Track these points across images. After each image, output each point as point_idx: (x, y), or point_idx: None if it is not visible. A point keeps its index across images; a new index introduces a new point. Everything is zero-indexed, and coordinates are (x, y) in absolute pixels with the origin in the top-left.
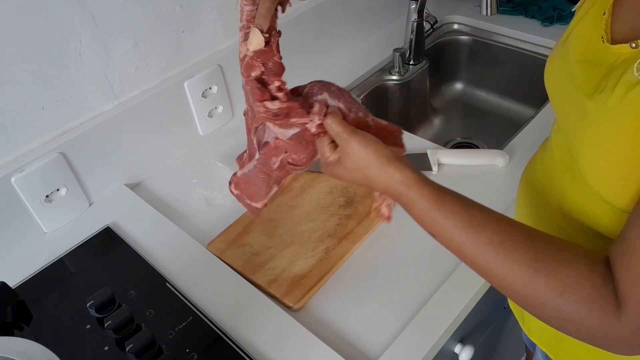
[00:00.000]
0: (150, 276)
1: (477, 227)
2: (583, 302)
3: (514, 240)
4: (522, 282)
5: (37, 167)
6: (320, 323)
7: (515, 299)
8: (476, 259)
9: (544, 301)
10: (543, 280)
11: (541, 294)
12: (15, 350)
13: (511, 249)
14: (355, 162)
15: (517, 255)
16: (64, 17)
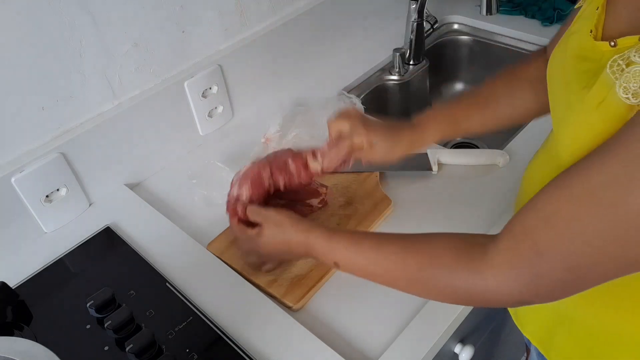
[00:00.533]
0: (150, 276)
1: (360, 242)
2: (448, 263)
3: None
4: (399, 267)
5: (37, 167)
6: (320, 323)
7: (403, 287)
8: (365, 267)
9: (418, 276)
10: (412, 259)
11: (413, 270)
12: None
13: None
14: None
15: (389, 249)
16: (64, 17)
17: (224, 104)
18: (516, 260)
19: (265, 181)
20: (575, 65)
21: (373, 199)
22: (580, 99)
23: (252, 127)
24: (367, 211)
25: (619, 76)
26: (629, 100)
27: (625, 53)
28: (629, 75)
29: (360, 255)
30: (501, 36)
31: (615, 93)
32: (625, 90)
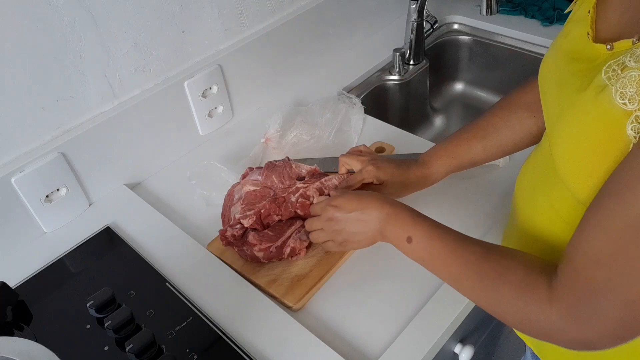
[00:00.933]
0: (150, 276)
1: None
2: (518, 283)
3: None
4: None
5: (37, 167)
6: (320, 323)
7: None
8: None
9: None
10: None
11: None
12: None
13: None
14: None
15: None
16: (64, 17)
17: (224, 104)
18: (574, 299)
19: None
20: (568, 67)
21: None
22: (574, 101)
23: (252, 127)
24: None
25: (615, 82)
26: (625, 105)
27: (620, 58)
28: (624, 81)
29: (439, 241)
30: (501, 36)
31: (612, 98)
32: (621, 95)
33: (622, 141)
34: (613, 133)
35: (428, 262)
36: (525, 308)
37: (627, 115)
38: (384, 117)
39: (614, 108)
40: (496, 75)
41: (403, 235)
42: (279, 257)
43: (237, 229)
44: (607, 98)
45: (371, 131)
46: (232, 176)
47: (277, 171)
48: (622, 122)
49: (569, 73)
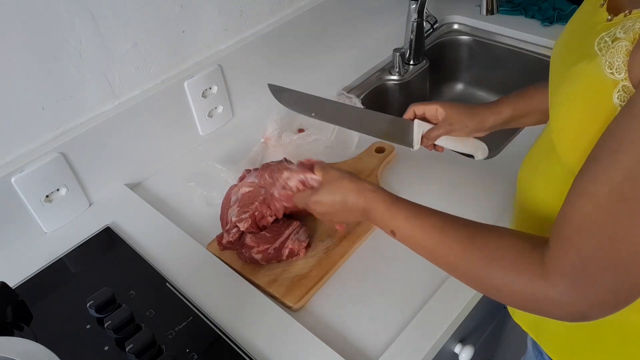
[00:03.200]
0: (150, 276)
1: (423, 217)
2: (510, 266)
3: (452, 225)
4: (460, 257)
5: (37, 167)
6: (320, 323)
7: (458, 275)
8: (424, 243)
9: (478, 271)
10: (476, 253)
11: (475, 264)
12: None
13: (450, 231)
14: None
15: (455, 235)
16: (64, 17)
17: (224, 104)
18: (567, 268)
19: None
20: (574, 38)
21: None
22: (571, 72)
23: (252, 127)
24: None
25: (605, 52)
26: (613, 75)
27: (611, 30)
28: (613, 51)
29: (421, 231)
30: (501, 36)
31: (602, 68)
32: (610, 65)
33: (608, 109)
34: (601, 101)
35: (420, 252)
36: (520, 287)
37: (615, 84)
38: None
39: (603, 77)
40: (496, 75)
41: (386, 229)
42: (277, 259)
43: (233, 234)
44: (597, 67)
45: None
46: (232, 176)
47: (270, 169)
48: (609, 90)
49: (573, 45)
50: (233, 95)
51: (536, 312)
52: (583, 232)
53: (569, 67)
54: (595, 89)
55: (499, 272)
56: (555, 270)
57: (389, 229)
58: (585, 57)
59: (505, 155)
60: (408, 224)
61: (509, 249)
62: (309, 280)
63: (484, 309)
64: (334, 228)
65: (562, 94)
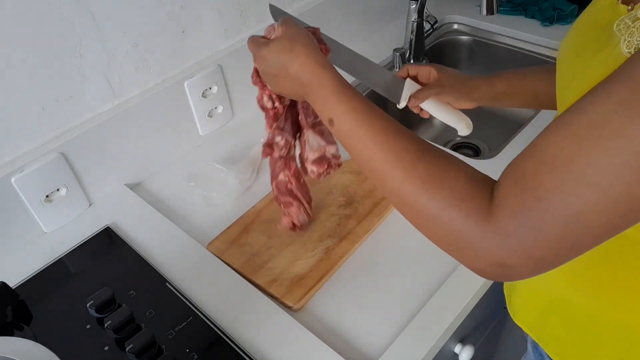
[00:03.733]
0: (150, 276)
1: (373, 116)
2: (455, 191)
3: (404, 133)
4: (401, 170)
5: (37, 167)
6: (320, 323)
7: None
8: (365, 144)
9: (418, 190)
10: (421, 168)
11: (416, 181)
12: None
13: (399, 139)
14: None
15: (404, 144)
16: (64, 17)
17: (224, 104)
18: (517, 207)
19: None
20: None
21: (373, 198)
22: (588, 63)
23: (252, 127)
24: (367, 211)
25: (625, 32)
26: (630, 54)
27: (632, 13)
28: (633, 30)
29: (366, 130)
30: (501, 36)
31: (620, 50)
32: (628, 44)
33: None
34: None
35: (353, 152)
36: (458, 217)
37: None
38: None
39: (621, 56)
40: None
41: (324, 116)
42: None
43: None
44: (616, 51)
45: None
46: (232, 176)
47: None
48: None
49: (589, 39)
50: (233, 95)
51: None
52: (547, 166)
53: (586, 59)
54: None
55: (441, 194)
56: (503, 208)
57: (328, 116)
58: (605, 47)
59: (505, 156)
60: (352, 118)
61: (459, 174)
62: (309, 280)
63: (484, 309)
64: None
65: (574, 84)
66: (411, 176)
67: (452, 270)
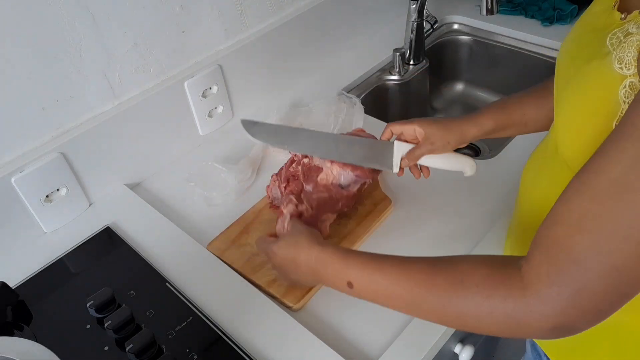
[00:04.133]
0: (150, 276)
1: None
2: (481, 284)
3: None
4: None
5: (37, 167)
6: (320, 323)
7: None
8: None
9: (447, 299)
10: (441, 278)
11: (441, 292)
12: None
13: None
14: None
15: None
16: (64, 17)
17: (224, 104)
18: (554, 273)
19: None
20: (583, 38)
21: (373, 199)
22: (579, 71)
23: None
24: (367, 211)
25: (617, 47)
26: (622, 70)
27: (625, 26)
28: (624, 45)
29: (380, 274)
30: (501, 36)
31: (611, 64)
32: (619, 60)
33: (611, 104)
34: (605, 95)
35: (379, 299)
36: (498, 306)
37: (622, 79)
38: (384, 117)
39: (611, 72)
40: (496, 75)
41: (342, 282)
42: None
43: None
44: (607, 63)
45: (371, 131)
46: (232, 176)
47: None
48: (615, 85)
49: (583, 44)
50: (233, 95)
51: (519, 332)
52: (576, 230)
53: (580, 66)
54: (601, 83)
55: (469, 294)
56: (539, 277)
57: (345, 281)
58: (597, 56)
59: (505, 156)
60: (365, 271)
61: (477, 268)
62: None
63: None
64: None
65: (568, 91)
66: (435, 292)
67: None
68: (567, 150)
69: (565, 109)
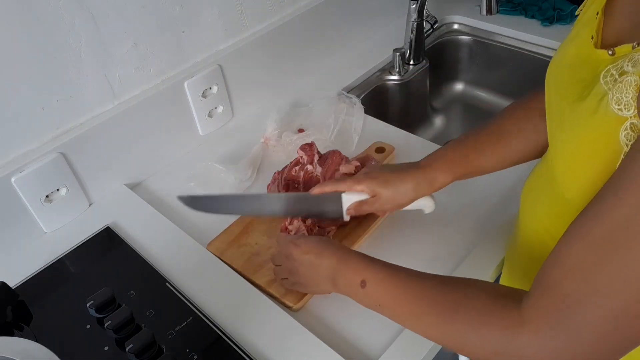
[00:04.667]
0: (150, 276)
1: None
2: (480, 311)
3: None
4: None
5: (37, 167)
6: (320, 323)
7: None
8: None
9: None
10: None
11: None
12: (15, 350)
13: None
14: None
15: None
16: (64, 17)
17: (224, 104)
18: (551, 315)
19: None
20: (571, 74)
21: None
22: (574, 111)
23: (252, 127)
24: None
25: (612, 86)
26: (621, 111)
27: (619, 62)
28: (621, 86)
29: (392, 279)
30: (501, 36)
31: (608, 105)
32: (617, 101)
33: (613, 147)
34: (606, 138)
35: (384, 305)
36: (493, 335)
37: (622, 121)
38: (384, 117)
39: (610, 113)
40: (496, 75)
41: (356, 280)
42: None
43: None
44: (604, 103)
45: (371, 131)
46: (232, 176)
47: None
48: (616, 127)
49: (570, 82)
50: (233, 95)
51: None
52: (574, 275)
53: (573, 104)
54: (599, 126)
55: (470, 314)
56: (537, 316)
57: (359, 279)
58: (592, 95)
59: None
60: (381, 273)
61: (482, 293)
62: None
63: None
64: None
65: (565, 132)
66: (437, 309)
67: (452, 270)
68: (567, 191)
69: (563, 151)
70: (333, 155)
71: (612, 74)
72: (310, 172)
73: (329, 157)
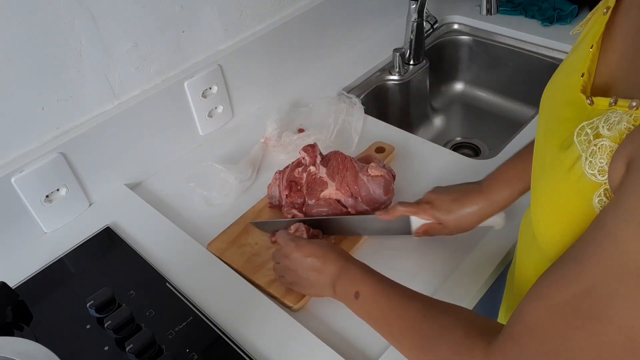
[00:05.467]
0: (150, 276)
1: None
2: (454, 344)
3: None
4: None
5: (37, 167)
6: (320, 323)
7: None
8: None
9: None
10: (428, 324)
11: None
12: (15, 350)
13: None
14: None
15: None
16: (64, 17)
17: (224, 104)
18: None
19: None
20: (559, 109)
21: None
22: (554, 160)
23: (252, 127)
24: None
25: (586, 148)
26: (595, 177)
27: (594, 121)
28: (594, 149)
29: (384, 297)
30: (501, 36)
31: (581, 167)
32: (591, 165)
33: (587, 212)
34: (580, 203)
35: (372, 319)
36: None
37: (596, 187)
38: (384, 117)
39: (583, 177)
40: (496, 75)
41: (351, 291)
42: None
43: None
44: (577, 165)
45: (371, 131)
46: (232, 176)
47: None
48: (590, 192)
49: (558, 119)
50: (233, 95)
51: None
52: (531, 334)
53: (556, 146)
54: (574, 187)
55: (443, 348)
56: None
57: (355, 289)
58: (569, 149)
59: (505, 156)
60: (375, 288)
61: (459, 327)
62: None
63: (483, 309)
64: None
65: (543, 182)
66: (418, 336)
67: (451, 272)
68: (541, 239)
69: (540, 199)
70: (336, 156)
71: (586, 132)
72: (314, 173)
73: (332, 158)
